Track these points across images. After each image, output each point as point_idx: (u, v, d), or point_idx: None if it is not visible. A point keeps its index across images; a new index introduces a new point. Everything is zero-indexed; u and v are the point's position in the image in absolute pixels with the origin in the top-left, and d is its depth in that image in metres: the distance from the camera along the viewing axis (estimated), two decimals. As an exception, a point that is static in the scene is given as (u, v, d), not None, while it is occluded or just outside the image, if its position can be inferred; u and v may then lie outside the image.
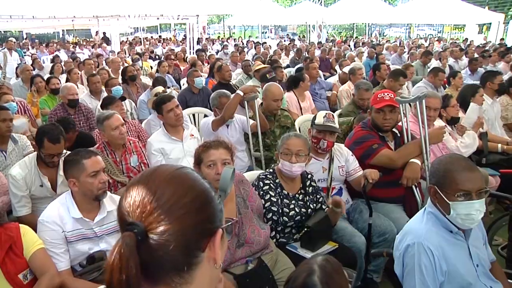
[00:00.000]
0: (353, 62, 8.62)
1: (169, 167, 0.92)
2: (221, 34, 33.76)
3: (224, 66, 6.76)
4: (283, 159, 2.84)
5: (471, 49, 13.25)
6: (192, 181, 0.90)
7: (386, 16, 23.29)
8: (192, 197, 0.86)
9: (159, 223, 0.82)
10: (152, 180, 0.87)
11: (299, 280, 1.58)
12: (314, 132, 3.22)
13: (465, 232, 1.98)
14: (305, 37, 24.47)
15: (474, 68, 8.29)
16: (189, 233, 0.84)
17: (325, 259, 1.66)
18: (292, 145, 2.84)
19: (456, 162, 1.93)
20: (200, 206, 0.87)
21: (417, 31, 32.95)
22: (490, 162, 4.29)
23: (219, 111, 4.20)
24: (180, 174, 0.90)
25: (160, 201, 0.83)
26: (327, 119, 3.17)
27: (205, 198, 0.89)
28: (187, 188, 0.87)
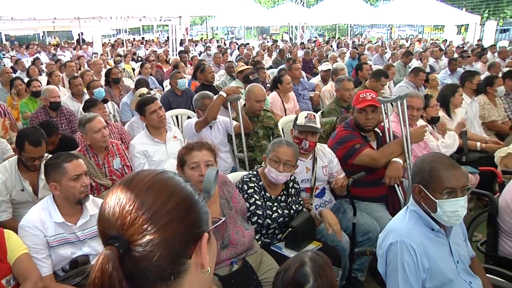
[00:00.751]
0: (335, 63, 8.69)
1: (148, 173, 0.87)
2: (204, 35, 33.70)
3: (207, 67, 6.74)
4: (271, 166, 2.83)
5: (450, 49, 13.47)
6: (174, 186, 0.86)
7: (368, 17, 23.55)
8: (175, 203, 0.83)
9: (141, 234, 0.78)
10: (131, 188, 0.83)
11: (291, 270, 1.60)
12: (296, 132, 3.23)
13: (446, 230, 2.01)
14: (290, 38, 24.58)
15: (453, 68, 8.45)
16: (174, 241, 0.80)
17: (315, 252, 1.69)
18: (282, 153, 2.82)
19: (440, 160, 1.96)
20: (184, 212, 0.83)
21: (398, 31, 33.37)
22: (469, 160, 4.37)
23: (202, 113, 4.19)
24: (160, 180, 0.86)
25: (141, 211, 0.80)
26: (308, 119, 3.18)
27: (189, 203, 0.85)
28: (169, 194, 0.83)
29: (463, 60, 9.59)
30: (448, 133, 4.31)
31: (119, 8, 14.64)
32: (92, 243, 2.55)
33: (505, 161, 3.53)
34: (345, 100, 5.00)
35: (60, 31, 27.94)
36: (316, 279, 1.55)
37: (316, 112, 5.46)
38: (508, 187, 2.66)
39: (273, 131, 4.40)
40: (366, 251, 2.56)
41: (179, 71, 6.75)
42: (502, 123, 5.35)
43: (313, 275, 1.56)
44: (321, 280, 1.56)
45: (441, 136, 4.28)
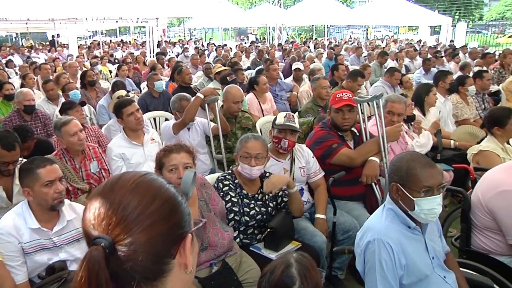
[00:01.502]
0: (312, 63, 8.76)
1: (133, 175, 0.89)
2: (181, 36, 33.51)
3: (184, 69, 6.72)
4: (243, 162, 2.85)
5: (424, 49, 13.73)
6: (158, 187, 0.87)
7: (344, 18, 23.78)
8: (158, 204, 0.84)
9: (126, 234, 0.80)
10: (116, 190, 0.85)
11: (277, 272, 1.60)
12: (275, 132, 3.24)
13: (421, 227, 2.05)
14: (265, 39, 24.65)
15: (428, 68, 8.62)
16: (158, 242, 0.82)
17: (300, 254, 1.69)
18: (251, 148, 2.85)
19: (417, 159, 1.99)
20: (168, 213, 0.85)
21: (374, 32, 33.83)
22: (444, 158, 4.45)
23: (180, 115, 4.18)
24: (144, 182, 0.87)
25: (126, 211, 0.81)
26: (287, 119, 3.19)
27: (173, 204, 0.87)
28: (153, 196, 0.85)
29: (437, 60, 9.79)
30: (423, 132, 4.39)
31: (95, 9, 14.43)
32: (69, 248, 2.51)
33: (477, 158, 3.60)
34: (323, 99, 5.05)
35: (34, 32, 27.42)
36: (302, 281, 1.56)
37: (294, 113, 5.51)
38: (479, 184, 2.72)
39: (251, 132, 4.41)
40: (345, 249, 2.59)
41: (156, 73, 6.72)
42: (474, 121, 5.48)
43: (299, 277, 1.56)
44: (307, 282, 1.57)
45: (416, 135, 4.36)
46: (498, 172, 2.70)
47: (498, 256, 2.58)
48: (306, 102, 5.50)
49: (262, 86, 5.71)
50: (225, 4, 22.87)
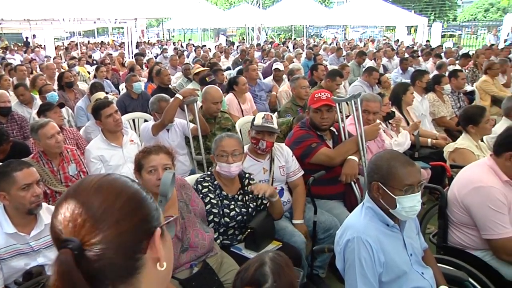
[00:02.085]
0: (291, 63, 8.80)
1: (95, 177, 0.89)
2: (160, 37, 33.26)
3: (163, 70, 6.69)
4: (220, 161, 2.85)
5: (401, 49, 13.95)
6: (121, 185, 0.88)
7: (323, 18, 23.95)
8: (122, 201, 0.85)
9: (93, 233, 0.80)
10: (79, 192, 0.85)
11: (251, 270, 1.60)
12: (253, 133, 3.24)
13: (400, 225, 2.07)
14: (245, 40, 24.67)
15: (405, 67, 8.76)
16: (126, 238, 0.82)
17: (276, 253, 1.69)
18: (226, 146, 2.86)
19: (397, 158, 2.03)
20: (133, 209, 0.85)
21: (352, 32, 34.15)
22: (421, 155, 4.52)
23: (159, 116, 4.16)
24: (107, 181, 0.88)
25: (90, 212, 0.81)
26: (265, 120, 3.19)
27: (137, 200, 0.87)
28: (116, 194, 0.85)
29: (414, 60, 9.95)
30: (401, 132, 4.45)
31: (72, 9, 14.20)
32: (47, 253, 2.46)
33: (453, 156, 3.67)
34: (302, 98, 5.07)
35: (8, 33, 26.87)
36: (275, 279, 1.56)
37: (273, 113, 5.52)
38: (455, 181, 2.77)
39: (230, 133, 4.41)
40: (325, 248, 2.61)
41: (135, 74, 6.66)
42: (450, 119, 5.58)
43: (272, 275, 1.56)
44: (280, 281, 1.57)
45: (395, 134, 4.42)
46: (472, 169, 2.75)
47: (473, 251, 2.63)
48: (285, 102, 5.51)
49: (242, 87, 5.72)
50: (203, 5, 22.78)
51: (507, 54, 11.74)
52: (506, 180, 2.57)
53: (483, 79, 7.26)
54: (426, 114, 5.40)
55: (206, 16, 22.38)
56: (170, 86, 6.71)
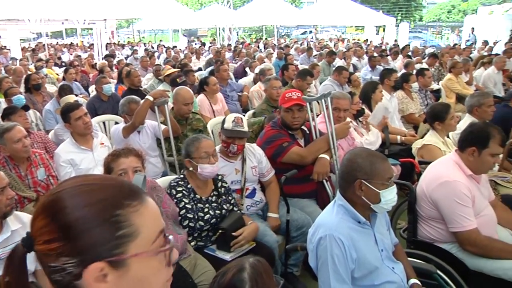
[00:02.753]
0: (263, 63, 8.84)
1: (75, 180, 0.82)
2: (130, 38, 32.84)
3: (132, 71, 6.62)
4: (203, 163, 2.83)
5: (370, 48, 14.19)
6: (70, 206, 0.77)
7: (293, 18, 24.12)
8: (64, 222, 0.75)
9: (39, 232, 0.76)
10: (48, 194, 0.81)
11: (228, 275, 1.58)
12: (223, 136, 3.22)
13: (371, 221, 2.11)
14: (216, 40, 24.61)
15: (373, 65, 8.94)
16: (61, 255, 0.75)
17: (257, 259, 1.66)
18: (207, 147, 2.86)
19: (374, 154, 2.11)
20: (71, 234, 0.75)
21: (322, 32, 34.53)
22: (391, 152, 4.60)
23: (129, 118, 4.11)
24: (70, 194, 0.78)
25: (42, 215, 0.78)
26: (235, 123, 3.17)
27: (77, 228, 0.75)
28: (62, 211, 0.76)
29: (382, 59, 10.14)
30: (372, 130, 4.53)
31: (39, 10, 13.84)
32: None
33: (421, 152, 3.76)
34: (274, 99, 5.09)
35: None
36: (253, 285, 1.54)
37: (245, 113, 5.54)
38: (423, 176, 2.83)
39: (202, 134, 4.39)
40: (297, 246, 2.63)
41: (105, 76, 6.58)
42: (418, 116, 5.72)
43: (250, 282, 1.54)
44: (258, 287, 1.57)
45: (365, 132, 4.50)
46: (439, 164, 2.83)
47: (441, 244, 2.70)
48: (259, 103, 5.51)
49: (212, 87, 5.70)
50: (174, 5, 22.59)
51: (469, 54, 12.20)
52: (470, 174, 2.65)
53: (448, 78, 7.49)
54: (395, 111, 5.51)
55: (176, 17, 22.22)
56: (141, 88, 6.64)
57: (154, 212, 0.82)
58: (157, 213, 0.83)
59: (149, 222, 0.79)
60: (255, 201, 3.29)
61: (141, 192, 0.82)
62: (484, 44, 16.62)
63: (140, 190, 0.83)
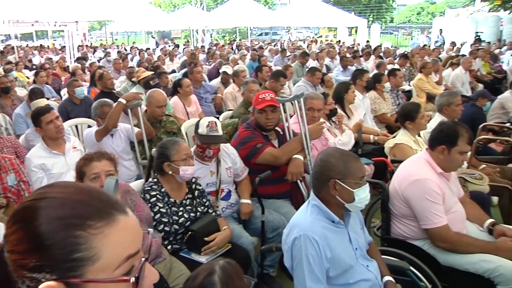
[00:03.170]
0: (236, 65, 8.84)
1: (48, 190, 0.77)
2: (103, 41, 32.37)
3: (105, 74, 6.53)
4: (184, 165, 2.80)
5: (343, 49, 14.37)
6: (37, 218, 0.72)
7: (266, 19, 24.20)
8: (28, 233, 0.72)
9: (9, 237, 0.74)
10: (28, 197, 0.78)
11: (199, 278, 1.58)
12: (198, 141, 3.19)
13: (345, 220, 2.14)
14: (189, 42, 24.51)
15: (345, 65, 9.08)
16: (15, 267, 0.73)
17: (227, 261, 1.67)
18: (186, 149, 2.85)
19: (347, 154, 2.15)
20: (31, 248, 0.72)
21: (296, 33, 34.79)
22: (364, 152, 4.67)
23: (102, 121, 4.06)
24: (41, 206, 0.74)
25: (10, 222, 0.75)
26: (210, 128, 3.14)
27: (39, 243, 0.71)
28: (28, 222, 0.73)
29: (355, 60, 10.28)
30: (345, 131, 4.59)
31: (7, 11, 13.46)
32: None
33: (393, 151, 3.83)
34: (252, 102, 5.09)
35: None
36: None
37: (219, 114, 5.53)
38: (395, 175, 2.89)
39: (176, 136, 4.36)
40: (272, 247, 2.64)
41: (77, 79, 6.47)
42: (391, 116, 5.82)
43: (220, 284, 1.54)
44: None
45: (339, 132, 4.55)
46: (410, 163, 2.89)
47: (414, 241, 2.75)
48: (236, 107, 5.48)
49: (186, 89, 5.68)
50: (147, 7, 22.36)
51: (438, 54, 12.54)
52: (440, 172, 2.72)
53: (418, 77, 7.67)
54: (368, 111, 5.59)
55: (150, 18, 22.01)
56: (114, 91, 6.56)
57: (124, 234, 0.76)
58: (129, 236, 0.77)
59: (114, 246, 0.73)
60: (230, 203, 3.29)
61: (114, 210, 0.76)
62: (452, 45, 17.06)
63: (115, 207, 0.77)
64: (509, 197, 3.90)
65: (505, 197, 3.92)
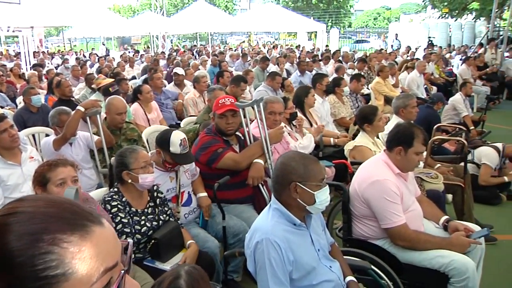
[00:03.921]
0: (197, 71, 8.81)
1: (19, 204, 0.72)
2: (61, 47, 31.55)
3: (63, 81, 6.34)
4: (144, 173, 2.75)
5: (303, 54, 14.57)
6: (15, 230, 0.68)
7: (227, 25, 24.26)
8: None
9: None
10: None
11: (165, 283, 1.57)
12: (168, 157, 3.12)
13: (306, 223, 2.17)
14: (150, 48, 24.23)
15: (302, 69, 9.20)
16: None
17: (192, 266, 1.68)
18: (145, 157, 2.81)
19: (307, 157, 2.17)
20: (1, 268, 0.67)
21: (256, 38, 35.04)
22: (325, 155, 4.75)
23: (60, 130, 3.95)
24: (27, 214, 0.70)
25: None
26: (183, 147, 3.09)
27: (12, 260, 0.66)
28: (2, 239, 0.68)
29: (315, 64, 10.44)
30: (306, 135, 4.65)
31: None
32: None
33: (353, 153, 3.91)
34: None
35: None
36: None
37: (180, 121, 5.48)
38: (355, 176, 2.95)
39: (137, 143, 4.31)
40: (235, 252, 2.64)
41: (33, 86, 6.25)
42: (350, 119, 5.95)
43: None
44: None
45: (299, 136, 4.61)
46: (369, 164, 2.96)
47: (375, 240, 2.83)
48: (201, 113, 5.40)
49: (146, 95, 5.62)
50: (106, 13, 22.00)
51: (394, 58, 12.95)
52: (398, 172, 2.80)
53: (376, 81, 7.88)
54: (328, 114, 5.69)
55: (109, 24, 21.65)
56: (73, 98, 6.39)
57: (100, 247, 0.71)
58: (106, 248, 0.72)
59: (89, 260, 0.68)
60: (192, 209, 3.27)
61: (87, 222, 0.71)
62: (407, 49, 17.68)
63: (88, 218, 0.72)
64: (461, 194, 4.07)
65: (458, 194, 4.09)
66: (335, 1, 40.27)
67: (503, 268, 3.69)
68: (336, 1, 40.34)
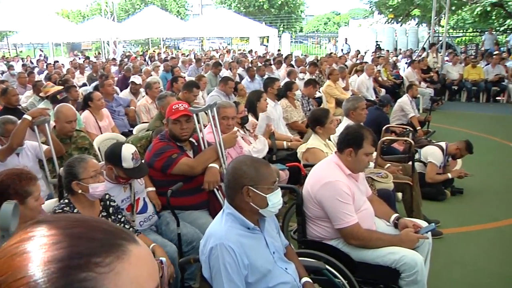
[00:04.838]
0: (149, 77, 8.70)
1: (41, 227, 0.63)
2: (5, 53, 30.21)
3: (10, 89, 6.10)
4: (94, 182, 2.67)
5: (255, 60, 14.70)
6: (41, 257, 0.58)
7: (179, 30, 24.07)
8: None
9: None
10: None
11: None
12: (121, 172, 3.05)
13: (260, 226, 2.19)
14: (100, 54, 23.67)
15: (251, 75, 9.29)
16: None
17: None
18: (94, 166, 2.72)
19: (257, 161, 2.20)
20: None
21: (209, 43, 34.98)
22: (279, 158, 4.81)
23: (6, 140, 3.81)
24: (51, 237, 0.60)
25: None
26: (136, 161, 3.03)
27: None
28: (22, 272, 0.58)
29: (267, 68, 10.56)
30: (259, 138, 4.69)
31: None
32: None
33: (306, 156, 3.99)
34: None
35: None
36: None
37: (133, 128, 5.39)
38: (308, 179, 3.00)
39: (88, 152, 4.21)
40: (190, 259, 2.63)
41: (-25, 95, 5.98)
42: (302, 123, 6.04)
43: None
44: None
45: (253, 140, 4.64)
46: (321, 166, 3.02)
47: (329, 241, 2.89)
48: (152, 120, 5.32)
49: (97, 102, 5.49)
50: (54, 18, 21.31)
51: (344, 62, 13.33)
52: (349, 173, 2.88)
53: (327, 84, 8.08)
54: (280, 118, 5.76)
55: (57, 29, 20.97)
56: (19, 107, 6.15)
57: (139, 267, 0.62)
58: (145, 268, 0.63)
59: (130, 284, 0.60)
60: (148, 216, 3.22)
61: (122, 241, 0.63)
62: (357, 53, 18.19)
63: (122, 236, 0.64)
64: (410, 192, 4.23)
65: (407, 192, 4.25)
66: (286, 6, 40.82)
67: (449, 260, 3.87)
68: (287, 6, 40.89)
